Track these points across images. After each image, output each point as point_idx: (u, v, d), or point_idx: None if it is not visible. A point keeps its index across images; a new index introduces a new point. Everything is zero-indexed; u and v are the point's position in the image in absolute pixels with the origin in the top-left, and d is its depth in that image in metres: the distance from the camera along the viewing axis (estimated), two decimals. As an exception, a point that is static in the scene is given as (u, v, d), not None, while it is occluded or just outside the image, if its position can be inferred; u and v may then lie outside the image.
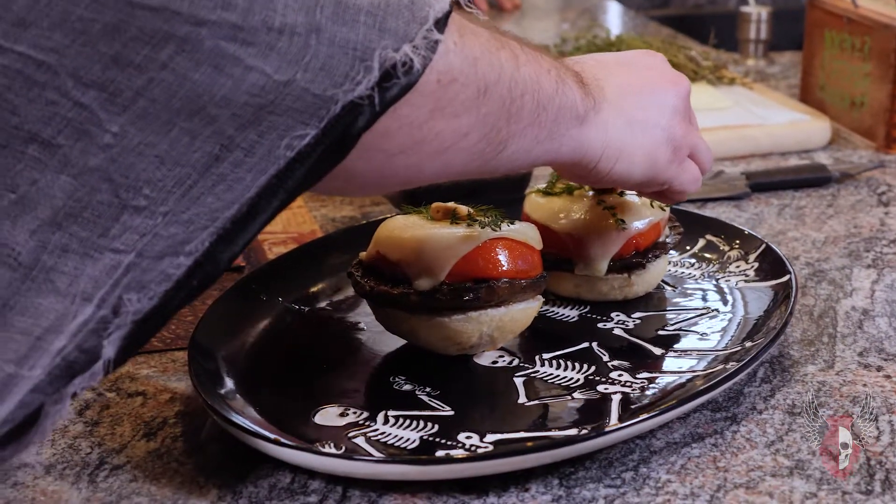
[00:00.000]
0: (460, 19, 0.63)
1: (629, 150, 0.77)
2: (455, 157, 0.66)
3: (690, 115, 0.84)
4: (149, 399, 0.86)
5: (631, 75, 0.80)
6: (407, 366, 0.86)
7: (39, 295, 0.55)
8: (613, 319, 0.93)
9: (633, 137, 0.77)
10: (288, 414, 0.80)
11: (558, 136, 0.72)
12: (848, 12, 1.40)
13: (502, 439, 0.76)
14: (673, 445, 0.78)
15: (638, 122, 0.78)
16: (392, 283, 0.84)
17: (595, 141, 0.75)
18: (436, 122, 0.62)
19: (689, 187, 0.85)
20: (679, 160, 0.82)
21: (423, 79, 0.59)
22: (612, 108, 0.76)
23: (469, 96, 0.63)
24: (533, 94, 0.68)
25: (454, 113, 0.63)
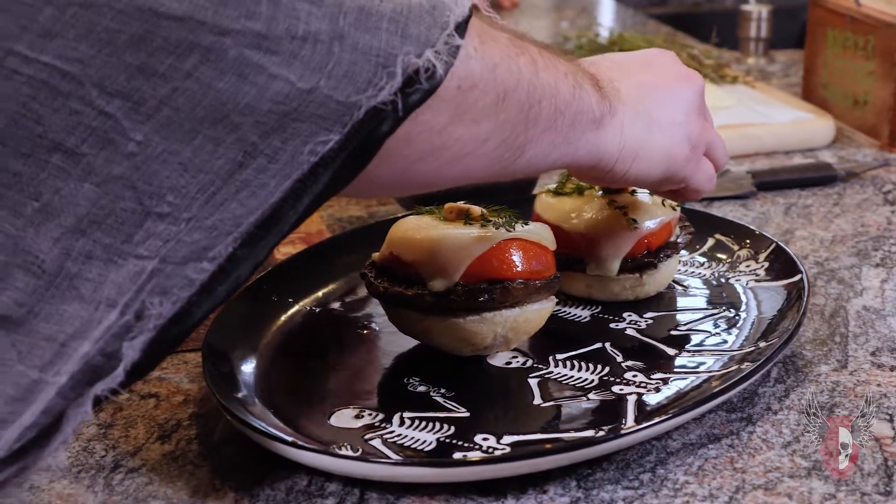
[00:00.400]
0: (480, 24, 0.63)
1: (646, 151, 0.77)
2: (474, 163, 0.66)
3: (705, 112, 0.84)
4: (162, 401, 0.85)
5: (646, 75, 0.80)
6: (420, 367, 0.86)
7: (64, 301, 0.55)
8: (626, 320, 0.93)
9: (650, 137, 0.77)
10: (303, 416, 0.80)
11: (575, 140, 0.72)
12: (851, 11, 1.40)
13: (519, 441, 0.76)
14: (689, 446, 0.78)
15: (655, 122, 0.78)
16: (406, 283, 0.84)
17: (612, 143, 0.75)
18: (456, 128, 0.63)
19: (704, 186, 0.85)
20: (696, 158, 0.82)
21: (444, 84, 0.59)
22: (629, 109, 0.76)
23: (489, 102, 0.64)
24: (550, 100, 0.68)
25: (474, 119, 0.63)
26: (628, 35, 1.65)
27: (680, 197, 0.87)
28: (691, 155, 0.81)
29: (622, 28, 2.01)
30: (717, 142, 0.86)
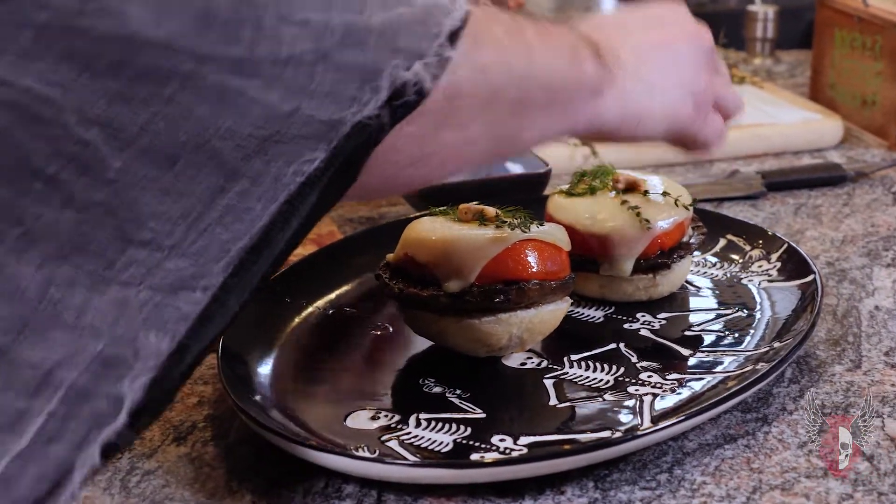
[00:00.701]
0: (476, 21, 0.62)
1: (648, 114, 0.78)
2: (466, 160, 0.67)
3: (715, 65, 0.84)
4: (176, 402, 0.85)
5: (650, 34, 0.80)
6: (435, 367, 0.86)
7: (48, 328, 0.54)
8: (639, 320, 0.93)
9: (651, 101, 0.78)
10: (320, 417, 0.80)
11: (573, 113, 0.72)
12: (859, 11, 1.40)
13: (536, 442, 0.76)
14: (706, 447, 0.78)
15: (657, 85, 0.78)
16: (421, 285, 0.84)
17: (612, 110, 0.75)
18: (443, 134, 0.63)
19: (713, 140, 0.85)
20: (702, 114, 0.82)
21: (431, 96, 0.59)
22: (630, 74, 0.76)
23: (476, 105, 0.63)
24: (545, 85, 0.68)
25: (461, 124, 0.63)
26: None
27: (690, 150, 0.87)
28: (696, 113, 0.81)
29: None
30: (726, 94, 0.85)
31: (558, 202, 0.96)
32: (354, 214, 1.21)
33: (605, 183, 0.96)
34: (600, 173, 0.97)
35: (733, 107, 0.86)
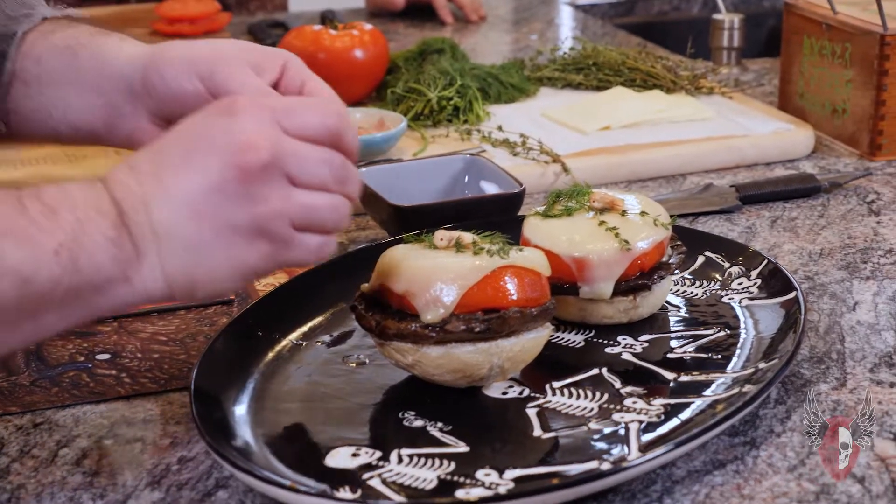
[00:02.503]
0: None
1: (203, 276, 0.71)
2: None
3: (286, 180, 0.72)
4: (148, 445, 0.83)
5: (188, 175, 0.70)
6: (415, 399, 0.84)
7: None
8: (620, 343, 0.91)
9: (199, 263, 0.71)
10: (298, 457, 0.77)
11: (96, 304, 0.69)
12: (827, 19, 1.40)
13: (522, 476, 0.74)
14: (695, 474, 0.77)
15: (201, 244, 0.70)
16: (398, 315, 0.82)
17: (152, 283, 0.70)
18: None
19: (309, 261, 0.75)
20: (278, 245, 0.72)
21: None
22: (164, 241, 0.70)
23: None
24: (18, 306, 0.65)
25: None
26: (603, 48, 1.64)
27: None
28: (270, 248, 0.72)
29: (592, 40, 2.00)
30: (314, 216, 0.73)
31: (535, 224, 0.94)
32: (325, 240, 1.18)
33: (581, 203, 0.95)
34: (576, 193, 0.96)
35: (330, 220, 0.74)
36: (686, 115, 1.43)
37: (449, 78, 1.44)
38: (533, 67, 1.65)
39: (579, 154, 1.32)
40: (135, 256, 0.69)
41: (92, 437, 0.84)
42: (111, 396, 0.89)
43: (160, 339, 0.98)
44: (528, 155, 1.31)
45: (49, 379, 0.92)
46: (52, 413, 0.87)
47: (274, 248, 0.72)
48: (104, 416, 0.87)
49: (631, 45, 1.94)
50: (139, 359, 0.95)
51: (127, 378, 0.92)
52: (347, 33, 1.52)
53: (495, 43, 2.03)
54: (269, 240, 0.72)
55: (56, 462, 0.81)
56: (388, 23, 2.13)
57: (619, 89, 1.53)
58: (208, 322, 1.00)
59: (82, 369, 0.93)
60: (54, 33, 0.93)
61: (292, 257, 0.74)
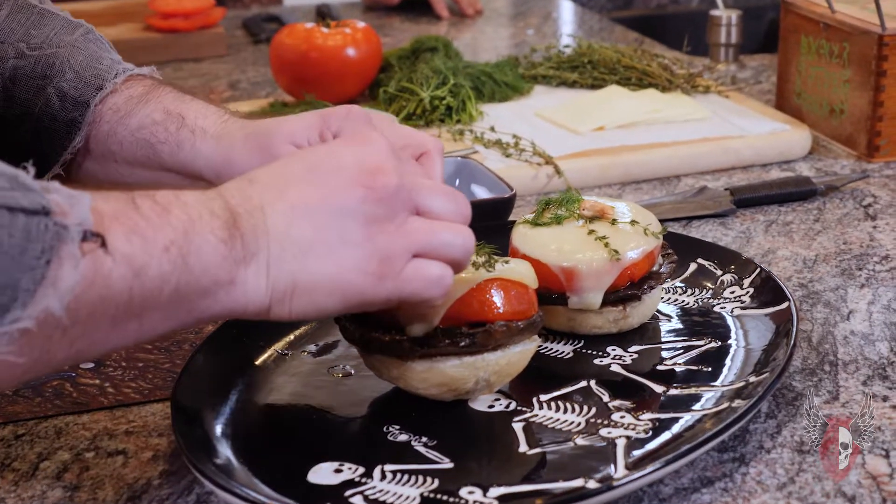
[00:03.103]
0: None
1: (305, 284, 0.69)
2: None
3: (409, 207, 0.72)
4: (130, 458, 0.82)
5: (310, 188, 0.70)
6: (400, 413, 0.83)
7: None
8: (610, 354, 0.90)
9: (305, 268, 0.69)
10: (281, 472, 0.76)
11: (199, 309, 0.67)
12: (825, 18, 1.38)
13: (507, 494, 0.73)
14: (682, 492, 0.75)
15: (312, 250, 0.69)
16: (383, 329, 0.81)
17: (254, 290, 0.68)
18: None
19: (426, 294, 0.72)
20: (394, 271, 0.70)
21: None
22: (275, 242, 0.68)
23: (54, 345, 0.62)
24: (128, 300, 0.64)
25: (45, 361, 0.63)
26: (597, 45, 1.62)
27: (408, 309, 0.77)
28: (384, 271, 0.70)
29: (589, 35, 1.98)
30: (433, 239, 0.72)
31: (523, 233, 0.93)
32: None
33: (571, 211, 0.93)
34: (566, 201, 0.94)
35: (455, 252, 0.73)
36: (681, 115, 1.41)
37: (442, 77, 1.42)
38: (527, 65, 1.63)
39: (572, 155, 1.31)
40: (243, 258, 0.67)
41: (73, 449, 0.83)
42: (94, 407, 0.88)
43: (146, 347, 0.96)
44: (521, 156, 1.29)
45: (32, 388, 0.91)
46: (35, 424, 0.86)
47: (384, 271, 0.70)
48: (86, 427, 0.86)
49: (628, 41, 1.92)
50: (123, 367, 0.93)
51: (110, 388, 0.91)
52: (340, 31, 1.50)
53: (492, 38, 2.02)
54: (382, 262, 0.70)
55: (37, 476, 0.80)
56: (383, 17, 2.12)
57: (614, 88, 1.51)
58: (194, 330, 0.99)
59: (66, 378, 0.92)
60: (131, 115, 0.94)
61: (408, 287, 0.71)
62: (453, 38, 1.77)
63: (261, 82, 1.77)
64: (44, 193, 0.60)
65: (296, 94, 1.53)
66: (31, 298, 0.59)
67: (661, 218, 1.15)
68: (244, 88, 1.75)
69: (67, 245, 0.60)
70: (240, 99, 1.67)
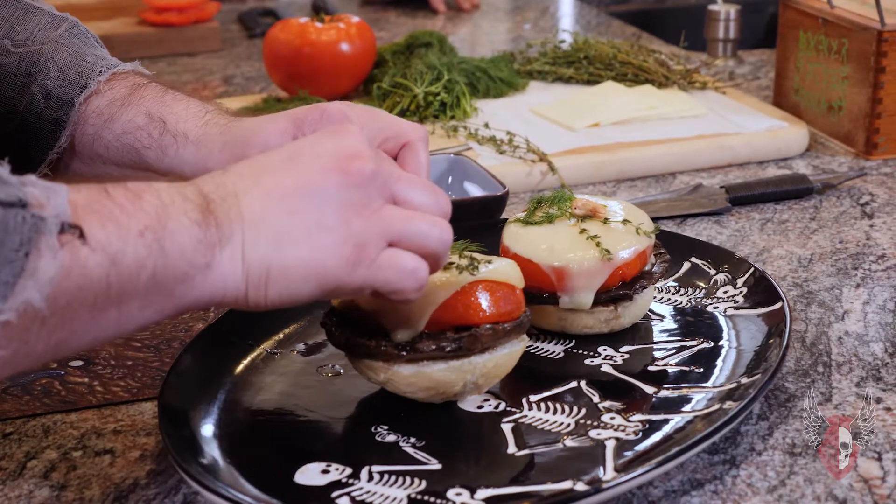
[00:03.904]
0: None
1: (280, 269, 0.68)
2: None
3: (386, 196, 0.71)
4: (117, 457, 0.81)
5: (286, 175, 0.69)
6: (389, 413, 0.82)
7: None
8: (601, 355, 0.89)
9: (280, 253, 0.68)
10: (267, 473, 0.76)
11: (177, 295, 0.67)
12: (824, 13, 1.37)
13: (494, 496, 0.72)
14: (672, 494, 0.75)
15: (286, 234, 0.68)
16: (369, 333, 0.80)
17: (231, 275, 0.68)
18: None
19: (400, 285, 0.71)
20: (369, 258, 0.69)
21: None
22: (250, 228, 0.68)
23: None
24: (106, 288, 0.63)
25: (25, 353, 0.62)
26: (594, 41, 1.61)
27: (383, 299, 0.74)
28: (358, 257, 0.69)
29: (586, 30, 1.98)
30: (411, 228, 0.71)
31: (514, 231, 0.92)
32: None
33: (563, 210, 0.92)
34: (558, 200, 0.93)
35: (430, 242, 0.71)
36: (677, 111, 1.41)
37: (436, 72, 1.42)
38: (523, 60, 1.63)
39: (567, 152, 1.30)
40: (218, 241, 0.67)
41: (61, 448, 0.82)
42: (83, 406, 0.88)
43: (135, 346, 0.96)
44: (515, 153, 1.29)
45: (21, 386, 0.90)
46: (23, 423, 0.86)
47: (358, 256, 0.69)
48: (74, 426, 0.85)
49: (626, 36, 1.91)
50: (112, 366, 0.93)
51: (99, 386, 0.90)
52: (333, 26, 1.49)
53: (488, 32, 2.01)
54: (357, 247, 0.69)
55: (24, 475, 0.79)
56: (379, 11, 2.11)
57: (610, 84, 1.50)
58: (184, 328, 0.99)
59: (55, 376, 0.91)
60: (114, 120, 0.93)
61: (382, 276, 0.70)
62: (450, 33, 1.77)
63: (255, 77, 1.77)
64: (20, 186, 0.60)
65: (289, 90, 1.52)
66: (10, 291, 0.59)
67: (656, 216, 1.14)
68: (238, 83, 1.74)
69: (45, 237, 0.60)
70: (234, 94, 1.66)
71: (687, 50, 1.69)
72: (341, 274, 0.69)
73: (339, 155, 0.70)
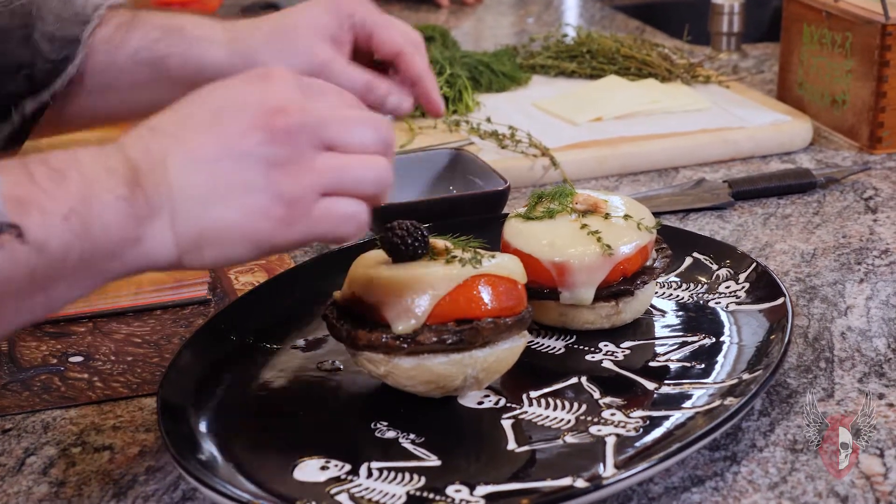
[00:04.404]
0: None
1: (212, 235, 0.67)
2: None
3: (317, 143, 0.69)
4: (116, 454, 0.81)
5: (211, 135, 0.68)
6: (388, 409, 0.82)
7: None
8: (602, 350, 0.89)
9: (211, 219, 0.67)
10: (266, 468, 0.75)
11: (107, 270, 0.66)
12: (828, 7, 1.36)
13: (494, 492, 0.72)
14: (672, 491, 0.74)
15: (216, 200, 0.67)
16: (370, 326, 0.80)
17: (161, 245, 0.67)
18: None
19: (339, 232, 0.70)
20: (303, 213, 0.68)
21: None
22: (178, 195, 0.67)
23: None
24: (31, 276, 0.62)
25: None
26: (596, 35, 1.61)
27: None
28: (291, 215, 0.68)
29: (590, 24, 1.97)
30: (349, 177, 0.69)
31: (515, 227, 0.92)
32: (307, 236, 1.16)
33: (564, 205, 0.92)
34: (559, 195, 0.93)
35: (366, 178, 0.70)
36: (681, 105, 1.40)
37: (439, 67, 1.41)
38: (526, 55, 1.62)
39: (569, 147, 1.30)
40: (147, 214, 0.66)
41: (60, 444, 0.82)
42: (82, 401, 0.87)
43: (135, 341, 0.96)
44: (517, 148, 1.28)
45: (20, 382, 0.90)
46: (22, 419, 0.85)
47: (291, 214, 0.68)
48: (74, 422, 0.85)
49: (630, 29, 1.91)
50: (112, 361, 0.93)
51: (99, 382, 0.90)
52: (336, 20, 1.49)
53: (491, 26, 2.00)
54: (288, 206, 0.68)
55: (23, 471, 0.79)
56: (382, 5, 2.10)
57: (613, 78, 1.50)
58: (184, 323, 0.98)
59: (55, 372, 0.91)
60: (126, 41, 0.95)
61: (319, 228, 0.69)
62: (453, 27, 1.76)
63: (259, 71, 1.76)
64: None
65: (293, 84, 1.51)
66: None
67: (658, 211, 1.14)
68: (242, 77, 1.73)
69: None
70: (237, 88, 1.66)
71: (690, 44, 1.68)
72: (276, 234, 0.68)
73: (263, 109, 0.68)
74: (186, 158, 0.67)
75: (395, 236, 0.80)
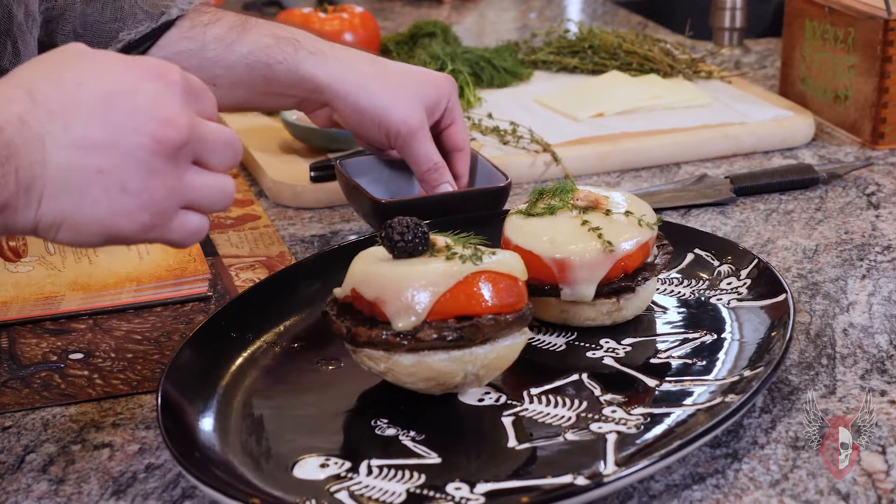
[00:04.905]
0: None
1: (74, 223, 0.69)
2: None
3: (191, 158, 0.72)
4: (116, 451, 0.81)
5: (99, 125, 0.69)
6: (389, 406, 0.82)
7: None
8: (603, 347, 0.89)
9: (79, 209, 0.69)
10: (266, 466, 0.75)
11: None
12: (830, 2, 1.36)
13: (494, 490, 0.72)
14: (673, 488, 0.74)
15: (88, 194, 0.69)
16: (370, 322, 0.80)
17: (23, 217, 0.68)
18: None
19: (187, 243, 0.74)
20: (162, 223, 0.71)
21: None
22: (52, 180, 0.68)
23: None
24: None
25: None
26: (598, 30, 1.60)
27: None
28: (153, 223, 0.71)
29: (592, 19, 1.96)
30: (206, 197, 0.73)
31: (516, 223, 0.92)
32: (306, 233, 1.16)
33: (564, 202, 0.92)
34: (560, 191, 0.93)
35: (219, 201, 0.74)
36: (682, 101, 1.40)
37: (440, 62, 1.41)
38: (527, 50, 1.62)
39: (571, 143, 1.29)
40: (15, 188, 0.67)
41: (60, 441, 0.82)
42: (82, 399, 0.87)
43: (135, 338, 0.95)
44: (518, 144, 1.28)
45: (20, 380, 0.90)
46: (22, 416, 0.85)
47: (154, 222, 0.71)
48: (73, 419, 0.85)
49: (632, 25, 1.90)
50: (112, 359, 0.92)
51: (99, 379, 0.90)
52: (337, 16, 1.49)
53: (493, 22, 2.00)
54: (153, 214, 0.71)
55: (22, 469, 0.79)
56: (383, 1, 2.10)
57: (615, 74, 1.49)
58: (184, 320, 0.98)
59: (54, 369, 0.91)
60: (240, 42, 1.06)
61: (170, 237, 0.73)
62: (455, 22, 1.76)
63: (260, 67, 1.75)
64: None
65: (293, 80, 1.51)
66: None
67: (659, 207, 1.14)
68: (243, 73, 1.73)
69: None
70: (238, 84, 1.65)
71: (692, 39, 1.67)
72: (132, 235, 0.72)
73: (155, 117, 0.69)
74: (69, 142, 0.68)
75: (396, 233, 0.80)
